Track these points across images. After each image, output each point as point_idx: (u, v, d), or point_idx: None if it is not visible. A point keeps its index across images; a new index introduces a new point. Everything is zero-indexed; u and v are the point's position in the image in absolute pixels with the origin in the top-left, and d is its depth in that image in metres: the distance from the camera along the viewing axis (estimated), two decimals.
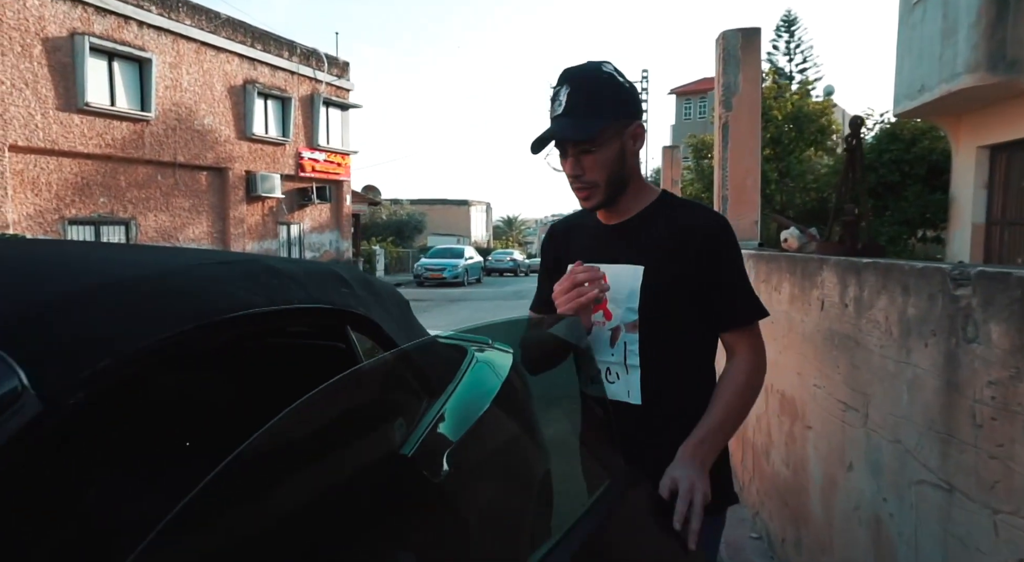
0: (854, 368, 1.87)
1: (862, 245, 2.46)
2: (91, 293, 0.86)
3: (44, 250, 1.22)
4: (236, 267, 1.19)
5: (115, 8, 13.37)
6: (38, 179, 12.44)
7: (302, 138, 18.92)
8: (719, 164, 4.27)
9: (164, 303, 0.93)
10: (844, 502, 1.97)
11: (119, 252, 1.20)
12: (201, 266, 1.12)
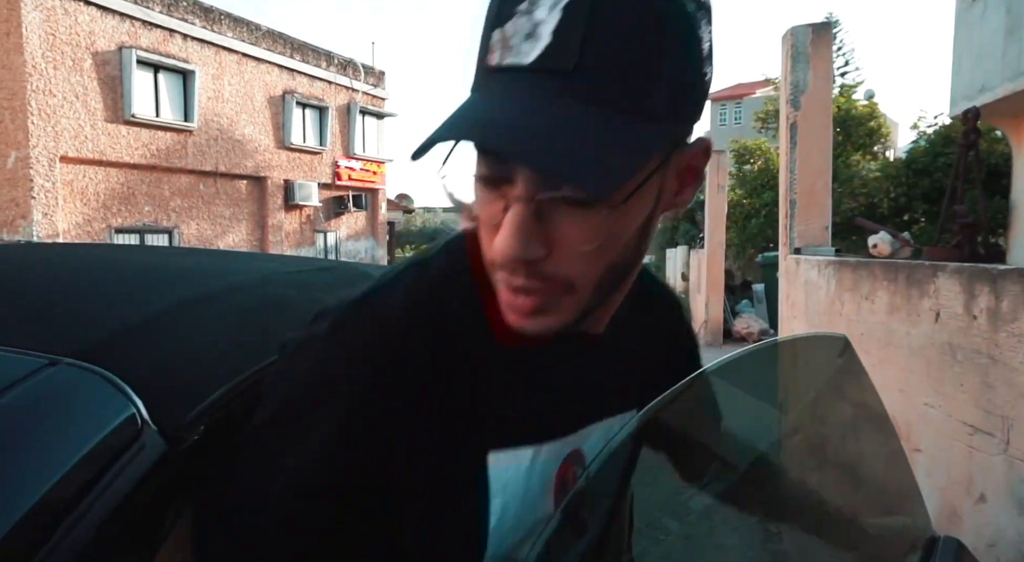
0: (987, 387, 1.68)
1: (984, 250, 2.25)
2: (197, 306, 0.74)
3: (132, 256, 1.11)
4: (337, 274, 1.07)
5: (161, 22, 13.67)
6: (86, 189, 12.74)
7: (339, 147, 19.10)
8: (786, 167, 4.07)
9: (268, 315, 0.81)
10: (972, 536, 1.77)
11: (216, 259, 1.09)
12: (301, 274, 1.00)
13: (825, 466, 1.29)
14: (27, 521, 0.45)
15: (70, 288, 0.77)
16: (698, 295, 10.76)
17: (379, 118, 20.79)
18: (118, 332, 0.63)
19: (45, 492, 0.47)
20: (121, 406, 0.54)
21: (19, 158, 11.59)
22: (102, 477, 0.50)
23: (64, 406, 0.53)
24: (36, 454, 0.49)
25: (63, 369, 0.55)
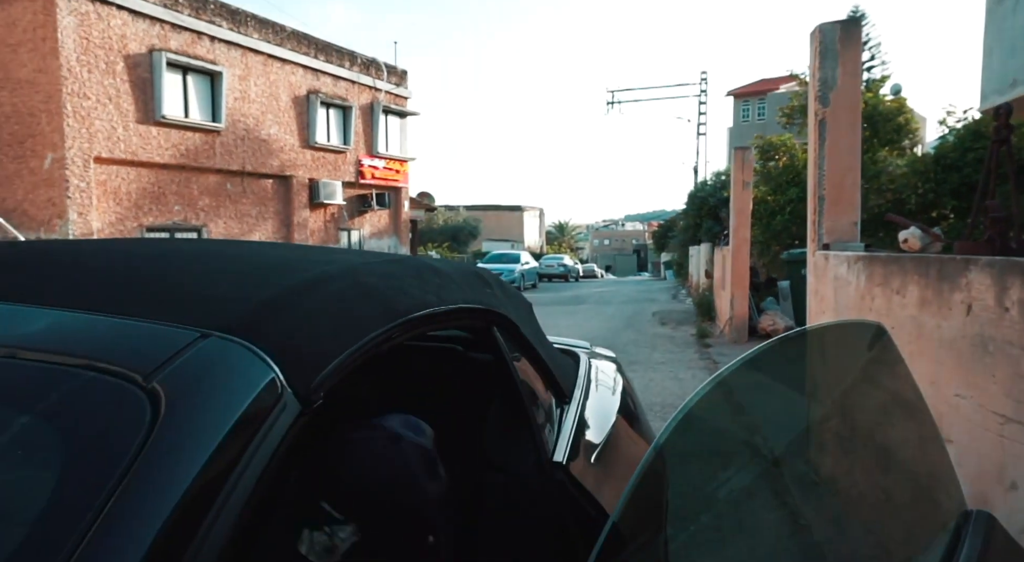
0: (1019, 378, 1.71)
1: (1016, 244, 2.27)
2: (305, 288, 0.83)
3: (232, 249, 1.21)
4: (404, 266, 1.15)
5: (189, 24, 13.95)
6: (119, 189, 13.06)
7: (362, 146, 19.31)
8: (815, 163, 4.09)
9: (360, 301, 0.90)
10: (1004, 523, 1.81)
11: (299, 252, 1.18)
12: (376, 264, 1.09)
13: (860, 448, 1.34)
14: (204, 472, 0.54)
15: (201, 273, 0.87)
16: (722, 292, 10.74)
17: (401, 117, 20.97)
18: (253, 310, 0.72)
19: (216, 445, 0.56)
20: (263, 372, 0.63)
21: (55, 159, 11.93)
22: (256, 433, 0.59)
23: (219, 372, 0.62)
24: (205, 412, 0.58)
25: (214, 341, 0.63)
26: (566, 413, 1.65)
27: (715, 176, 21.55)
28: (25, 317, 0.66)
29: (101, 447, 0.53)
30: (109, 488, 0.50)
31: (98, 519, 0.49)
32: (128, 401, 0.56)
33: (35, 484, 0.54)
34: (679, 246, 25.55)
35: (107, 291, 0.75)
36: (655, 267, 50.75)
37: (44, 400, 0.57)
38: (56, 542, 0.48)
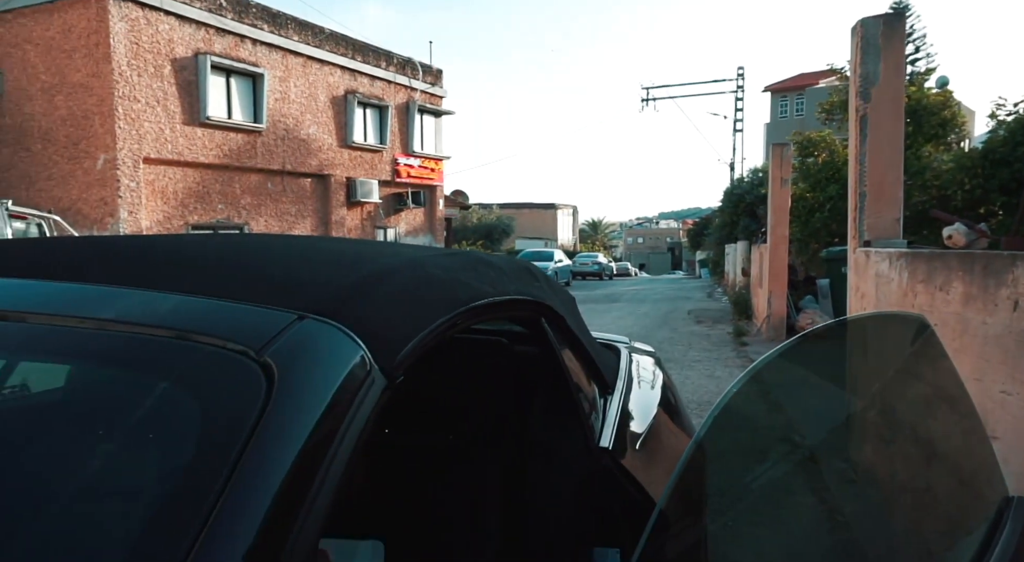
0: None
1: None
2: (380, 277, 0.91)
3: (304, 242, 1.31)
4: (461, 258, 1.23)
5: (233, 28, 14.35)
6: (166, 188, 13.52)
7: (398, 145, 19.57)
8: (855, 159, 4.05)
9: (428, 290, 0.98)
10: None
11: (361, 245, 1.27)
12: (435, 255, 1.17)
13: (901, 441, 1.37)
14: (313, 434, 0.62)
15: (289, 263, 0.96)
16: (759, 290, 10.62)
17: (436, 116, 21.17)
18: (340, 295, 0.81)
19: (321, 412, 0.64)
20: (354, 350, 0.71)
21: (107, 160, 12.41)
22: (352, 403, 0.67)
23: (316, 348, 0.70)
24: (310, 383, 0.66)
25: (309, 322, 0.72)
26: (609, 403, 1.71)
27: (752, 173, 21.23)
28: (149, 300, 0.75)
29: (230, 409, 0.62)
30: (240, 445, 0.58)
31: (234, 471, 0.57)
32: (246, 371, 0.64)
33: (175, 440, 0.63)
34: (715, 244, 25.23)
35: (211, 278, 0.84)
36: (690, 265, 50.19)
37: (179, 368, 0.66)
38: (199, 490, 0.56)
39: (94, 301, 0.75)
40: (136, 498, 0.60)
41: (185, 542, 0.53)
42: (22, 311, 0.75)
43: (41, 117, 12.88)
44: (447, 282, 1.05)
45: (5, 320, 0.74)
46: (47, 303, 0.75)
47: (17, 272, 0.84)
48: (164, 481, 0.60)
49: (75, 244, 1.05)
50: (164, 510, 0.57)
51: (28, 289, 0.79)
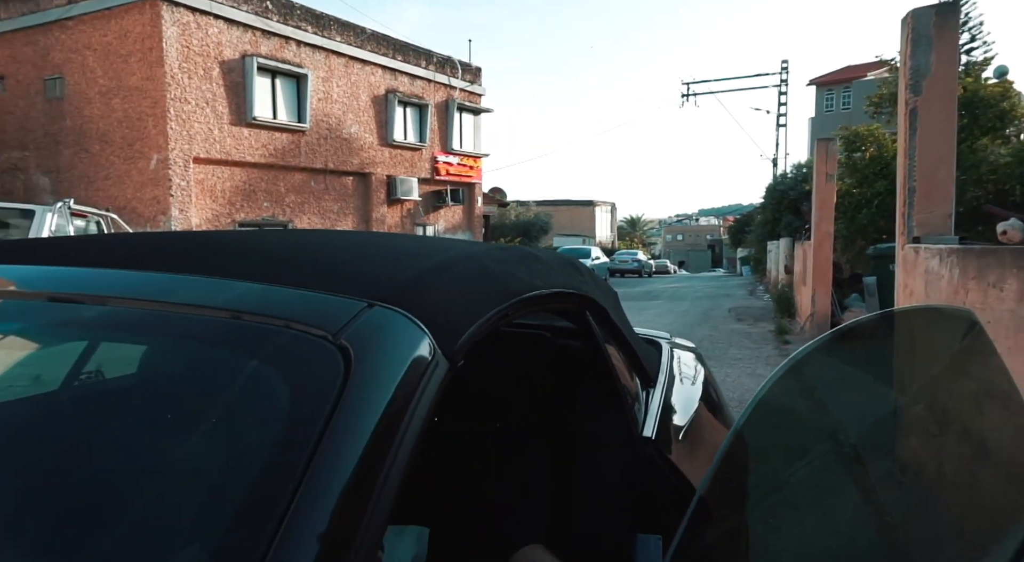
0: None
1: None
2: (439, 270, 0.97)
3: (363, 237, 1.38)
4: (511, 253, 1.28)
5: (278, 30, 14.72)
6: (215, 187, 13.96)
7: (437, 143, 19.78)
8: (904, 153, 3.96)
9: (483, 281, 1.03)
10: None
11: (415, 240, 1.34)
12: (488, 249, 1.22)
13: (948, 436, 1.36)
14: (387, 411, 0.68)
15: (355, 256, 1.03)
16: (803, 287, 10.41)
17: (475, 114, 21.31)
18: (404, 285, 0.87)
19: (393, 390, 0.70)
20: (420, 336, 0.77)
21: (160, 160, 12.89)
22: (419, 383, 0.72)
23: (387, 333, 0.76)
24: (383, 364, 0.72)
25: (379, 309, 0.78)
26: (652, 396, 1.75)
27: (795, 168, 20.76)
28: (240, 288, 0.83)
29: (314, 386, 0.68)
30: (323, 419, 0.64)
31: (319, 443, 0.63)
32: (326, 352, 0.70)
33: (268, 414, 0.69)
34: (756, 241, 24.76)
35: (288, 270, 0.91)
36: (730, 263, 49.35)
37: (269, 349, 0.73)
38: (290, 460, 0.62)
39: (192, 289, 0.82)
40: (234, 467, 0.67)
41: (279, 508, 0.59)
42: (133, 298, 0.83)
43: (99, 119, 13.45)
44: (500, 275, 1.10)
45: (108, 305, 0.83)
46: (157, 291, 0.83)
47: (121, 264, 0.92)
48: (259, 451, 0.67)
49: (168, 239, 1.14)
50: (262, 477, 0.63)
51: (137, 279, 0.87)
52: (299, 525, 0.59)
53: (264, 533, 0.58)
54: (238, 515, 0.62)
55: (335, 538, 0.61)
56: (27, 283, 0.93)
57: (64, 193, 13.16)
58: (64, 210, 8.93)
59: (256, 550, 0.57)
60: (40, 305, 0.90)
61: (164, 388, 0.78)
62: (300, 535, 0.59)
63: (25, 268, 0.97)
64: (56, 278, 0.92)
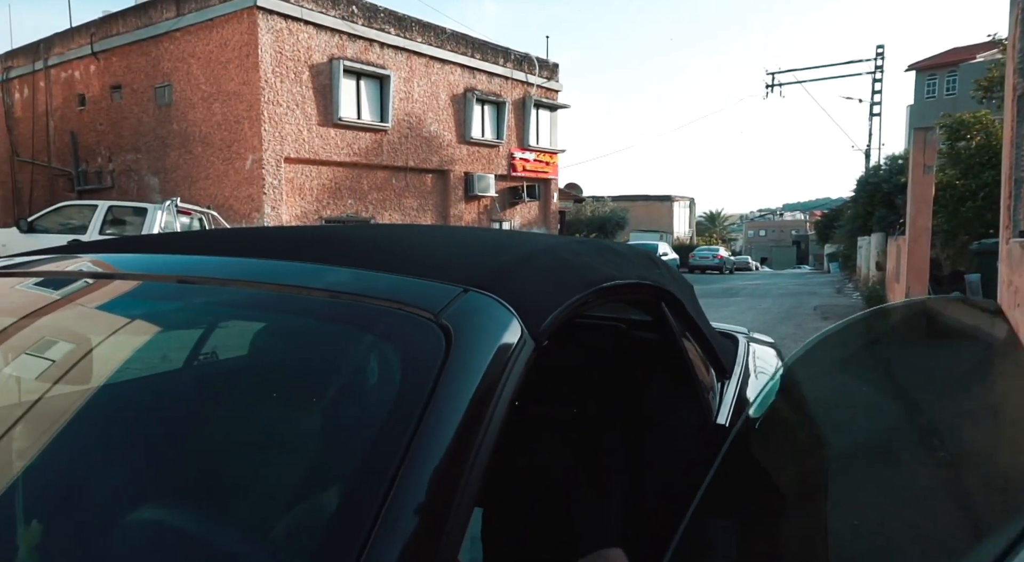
0: None
1: None
2: (524, 260, 1.06)
3: (458, 232, 1.50)
4: (589, 245, 1.36)
5: (363, 33, 15.29)
6: (303, 185, 14.70)
7: (514, 139, 19.96)
8: (1010, 142, 3.73)
9: (563, 271, 1.11)
10: None
11: (498, 235, 1.44)
12: (569, 242, 1.30)
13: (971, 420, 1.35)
14: (481, 385, 0.76)
15: (448, 248, 1.14)
16: (896, 285, 9.86)
17: (552, 110, 21.33)
18: (495, 273, 0.96)
19: (487, 366, 0.78)
20: (509, 318, 0.86)
21: (254, 160, 13.70)
22: (509, 360, 0.81)
23: (481, 315, 0.85)
24: (479, 342, 0.81)
25: (472, 295, 0.87)
26: (727, 387, 1.77)
27: (890, 160, 19.58)
28: (355, 274, 0.94)
29: (421, 359, 0.77)
30: (429, 388, 0.73)
31: (425, 409, 0.71)
32: (430, 330, 0.80)
33: (382, 381, 0.80)
34: (846, 236, 23.52)
35: (390, 259, 1.02)
36: (817, 260, 47.13)
37: (383, 326, 0.83)
38: (401, 424, 0.70)
39: (316, 274, 0.95)
40: (351, 428, 0.77)
41: (392, 467, 0.66)
42: (264, 282, 0.97)
43: (201, 123, 14.43)
44: (579, 266, 1.17)
45: (245, 288, 0.96)
46: (282, 275, 0.96)
47: (250, 253, 1.06)
48: (374, 413, 0.75)
49: (288, 233, 1.30)
50: (377, 437, 0.71)
51: (266, 266, 1.01)
52: (406, 488, 0.65)
53: (377, 494, 0.64)
54: (356, 470, 0.69)
55: (437, 504, 0.66)
56: (168, 268, 1.08)
57: (170, 192, 14.23)
58: (172, 208, 9.69)
59: (369, 508, 0.63)
60: (174, 287, 1.04)
61: (294, 360, 0.90)
62: (407, 498, 0.65)
63: (168, 257, 1.12)
64: (190, 265, 1.07)
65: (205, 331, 1.09)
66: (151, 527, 0.72)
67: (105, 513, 0.74)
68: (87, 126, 16.68)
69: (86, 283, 1.05)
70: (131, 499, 0.75)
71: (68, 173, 17.06)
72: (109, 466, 0.80)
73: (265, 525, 0.71)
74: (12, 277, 1.14)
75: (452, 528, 0.66)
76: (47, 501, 0.78)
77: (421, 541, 0.64)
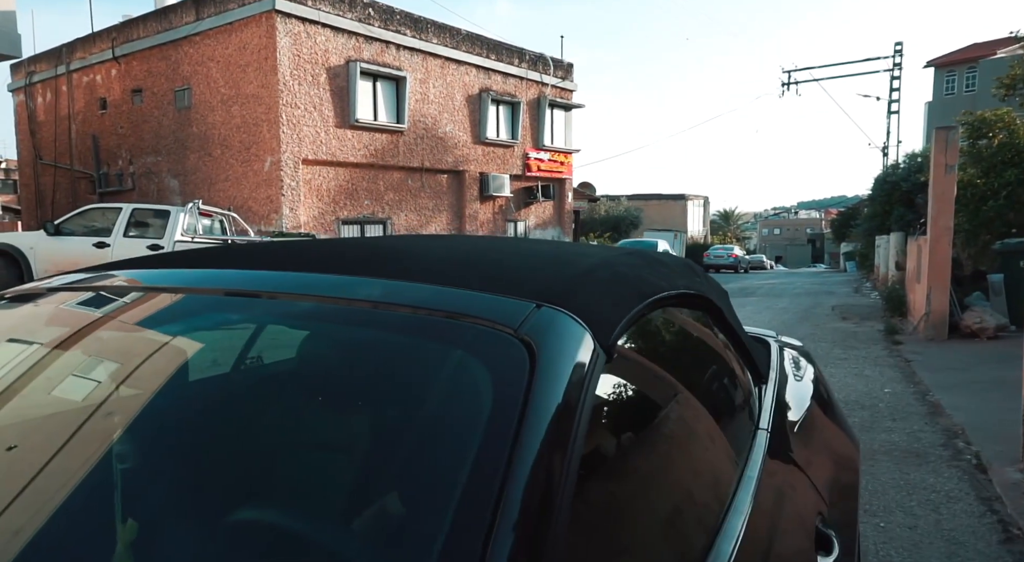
0: None
1: None
2: (586, 274, 1.11)
3: (521, 245, 1.55)
4: (639, 257, 1.41)
5: (379, 35, 15.39)
6: (321, 187, 14.83)
7: (528, 139, 19.99)
8: None
9: (621, 285, 1.16)
10: None
11: (557, 246, 1.49)
12: (621, 256, 1.35)
13: None
14: (566, 395, 0.80)
15: (514, 263, 1.19)
16: (916, 285, 9.79)
17: (566, 110, 21.34)
18: (564, 289, 1.00)
19: (569, 377, 0.82)
20: (581, 331, 0.90)
21: (273, 162, 13.84)
22: (586, 372, 0.85)
23: (556, 329, 0.89)
24: (558, 355, 0.85)
25: (546, 310, 0.91)
26: (764, 392, 1.81)
27: (909, 158, 19.39)
28: (434, 291, 0.98)
29: (510, 372, 0.80)
30: (521, 401, 0.76)
31: (521, 421, 0.74)
32: (514, 345, 0.83)
33: (475, 394, 0.82)
34: (863, 235, 23.32)
35: (463, 274, 1.07)
36: (833, 258, 46.72)
37: (468, 340, 0.87)
38: (502, 434, 0.73)
39: (396, 290, 0.99)
40: (453, 439, 0.78)
41: (498, 481, 0.68)
42: (349, 298, 1.00)
43: (220, 126, 14.61)
44: (633, 279, 1.22)
45: (332, 303, 1.01)
46: (372, 293, 1.00)
47: (325, 268, 1.12)
48: (471, 425, 0.77)
49: (360, 245, 1.35)
50: (481, 449, 0.73)
51: (349, 283, 1.05)
52: (513, 499, 0.67)
53: (488, 502, 0.66)
54: (465, 483, 0.70)
55: (541, 514, 0.68)
56: (249, 283, 1.12)
57: (190, 194, 14.41)
58: (194, 210, 9.82)
59: (484, 516, 0.66)
60: (266, 302, 1.06)
61: (388, 375, 0.92)
62: (514, 507, 0.66)
63: (249, 273, 1.16)
64: (272, 281, 1.11)
65: (301, 343, 1.10)
66: (266, 530, 0.75)
67: (220, 511, 0.79)
68: (108, 129, 16.93)
69: (178, 295, 1.10)
70: (249, 501, 0.79)
71: (89, 176, 17.33)
72: (226, 467, 0.85)
73: (383, 532, 0.72)
74: (95, 289, 1.20)
75: (556, 537, 0.69)
76: (167, 496, 0.82)
77: (533, 549, 0.66)
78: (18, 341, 1.12)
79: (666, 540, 0.96)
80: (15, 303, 1.23)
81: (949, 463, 3.99)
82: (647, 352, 1.24)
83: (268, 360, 1.08)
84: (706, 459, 1.24)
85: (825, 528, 1.34)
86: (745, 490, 1.16)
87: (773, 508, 1.23)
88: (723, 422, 1.47)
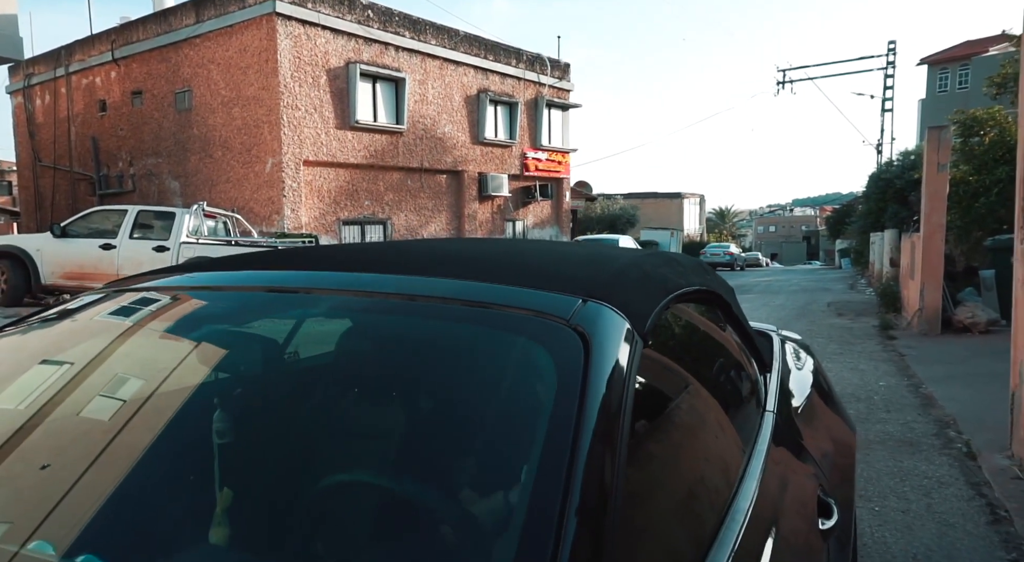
0: None
1: None
2: (620, 273, 1.26)
3: (558, 247, 1.70)
4: (660, 258, 1.56)
5: (378, 37, 15.51)
6: (321, 187, 14.94)
7: (526, 139, 20.13)
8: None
9: (649, 282, 1.31)
10: None
11: (589, 247, 1.65)
12: (645, 256, 1.51)
13: None
14: (612, 379, 0.94)
15: (557, 262, 1.35)
16: (910, 281, 9.98)
17: (564, 110, 21.48)
18: (604, 284, 1.15)
19: (615, 363, 0.96)
20: (622, 323, 1.04)
21: (274, 163, 13.95)
22: (629, 357, 0.99)
23: (602, 321, 1.03)
24: (607, 343, 0.98)
25: (592, 304, 1.06)
26: (769, 380, 1.96)
27: (902, 156, 19.58)
28: (489, 288, 1.13)
29: (569, 357, 0.93)
30: (580, 385, 0.88)
31: (582, 405, 0.85)
32: (569, 334, 0.96)
33: (541, 379, 0.95)
34: (858, 232, 23.53)
35: (517, 273, 1.21)
36: (828, 255, 47.00)
37: (531, 330, 1.00)
38: (566, 417, 0.83)
39: (464, 289, 1.13)
40: (522, 421, 0.89)
41: (565, 461, 0.77)
42: (418, 295, 1.15)
43: (221, 128, 14.70)
44: (657, 277, 1.38)
45: (407, 300, 1.15)
46: (442, 291, 1.14)
47: (388, 269, 1.27)
48: (537, 408, 0.89)
49: (415, 247, 1.51)
50: (550, 431, 0.83)
51: (417, 282, 1.19)
52: (579, 478, 0.75)
53: (558, 480, 0.74)
54: (536, 463, 0.78)
55: (604, 494, 0.75)
56: (334, 283, 1.24)
57: (191, 196, 14.51)
58: (199, 212, 9.94)
59: (557, 492, 0.73)
60: (339, 300, 1.18)
61: (461, 360, 1.06)
62: (582, 487, 0.73)
63: (319, 273, 1.30)
64: (356, 281, 1.22)
65: (384, 336, 1.18)
66: (373, 491, 0.88)
67: (327, 488, 0.91)
68: (108, 131, 17.01)
69: (258, 294, 1.25)
70: (358, 467, 0.93)
71: (89, 178, 17.40)
72: (332, 446, 0.98)
73: (474, 501, 0.83)
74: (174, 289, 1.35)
75: (614, 518, 0.76)
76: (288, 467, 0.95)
77: (601, 529, 0.74)
78: (139, 331, 1.25)
79: (697, 497, 1.12)
80: (122, 297, 1.35)
81: (941, 451, 4.16)
82: (670, 341, 1.40)
83: (359, 351, 1.21)
84: (723, 436, 1.39)
85: (825, 496, 1.50)
86: (756, 460, 1.31)
87: (781, 476, 1.38)
88: (735, 403, 1.62)
